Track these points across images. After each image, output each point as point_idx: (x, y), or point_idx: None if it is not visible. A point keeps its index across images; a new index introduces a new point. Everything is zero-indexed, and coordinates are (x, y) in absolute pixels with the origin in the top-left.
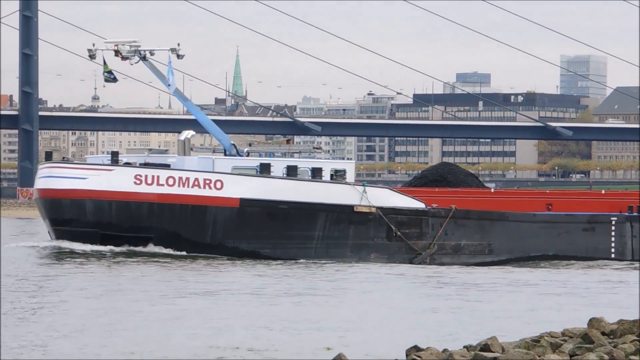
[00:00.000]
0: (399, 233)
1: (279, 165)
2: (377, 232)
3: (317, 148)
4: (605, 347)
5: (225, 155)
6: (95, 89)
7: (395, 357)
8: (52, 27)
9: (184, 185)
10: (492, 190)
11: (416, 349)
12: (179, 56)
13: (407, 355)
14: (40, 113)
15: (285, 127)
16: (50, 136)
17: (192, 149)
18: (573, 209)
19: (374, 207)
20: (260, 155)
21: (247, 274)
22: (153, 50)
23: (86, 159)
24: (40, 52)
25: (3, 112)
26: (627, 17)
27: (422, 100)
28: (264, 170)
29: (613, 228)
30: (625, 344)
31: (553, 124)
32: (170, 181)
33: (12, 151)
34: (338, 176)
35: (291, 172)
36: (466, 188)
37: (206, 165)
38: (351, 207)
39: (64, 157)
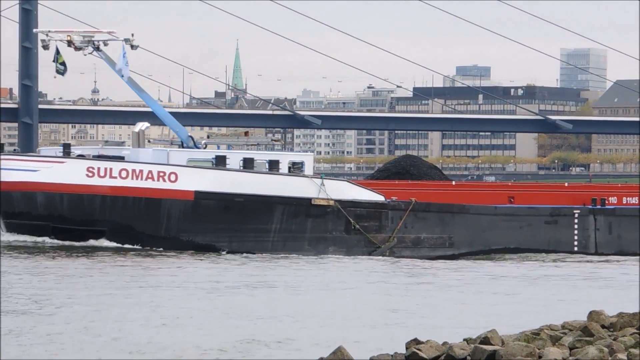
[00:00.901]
0: (357, 226)
1: (235, 158)
2: (336, 225)
3: (275, 140)
4: (605, 340)
5: (183, 147)
6: (95, 82)
7: (395, 351)
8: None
9: (137, 178)
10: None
11: (416, 341)
12: (132, 47)
13: (407, 348)
14: (40, 106)
15: (285, 120)
16: (50, 129)
17: (149, 141)
18: (535, 202)
19: (332, 199)
20: (218, 148)
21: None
22: (107, 40)
23: (39, 151)
24: (40, 45)
25: (3, 105)
26: (627, 11)
27: (422, 94)
28: (220, 162)
29: (576, 221)
30: (625, 336)
31: (553, 117)
32: (124, 174)
33: (11, 144)
34: (296, 169)
35: (247, 164)
36: (428, 181)
37: (161, 157)
38: (309, 199)
39: (14, 149)
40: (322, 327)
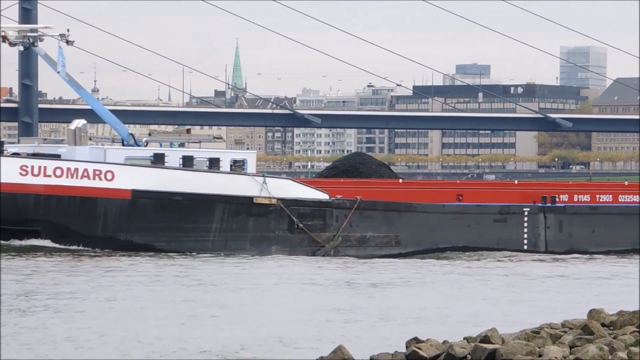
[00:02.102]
0: (301, 225)
1: (174, 156)
2: (278, 224)
3: (217, 137)
4: (605, 339)
5: (123, 145)
6: (95, 81)
7: (395, 350)
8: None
9: (72, 177)
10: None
11: (416, 340)
12: (68, 42)
13: (407, 347)
14: (40, 105)
15: (285, 119)
16: (50, 129)
17: (90, 139)
18: (484, 200)
19: (274, 198)
20: (161, 145)
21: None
22: (42, 36)
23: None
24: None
25: (3, 105)
26: (627, 8)
27: (421, 92)
28: (158, 160)
29: (526, 219)
30: (625, 335)
31: (553, 115)
32: (58, 172)
33: (11, 144)
34: (237, 167)
35: (187, 162)
36: (376, 179)
37: (97, 155)
38: (250, 198)
39: None
40: (323, 326)
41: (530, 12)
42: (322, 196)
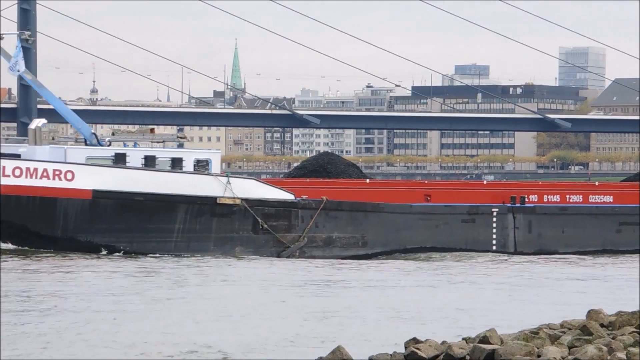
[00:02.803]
0: (265, 225)
1: (136, 155)
2: (243, 225)
3: (181, 137)
4: (604, 339)
5: (86, 145)
6: (94, 81)
7: (394, 350)
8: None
9: (32, 177)
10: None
11: (415, 341)
12: (27, 40)
13: (405, 348)
14: (39, 106)
15: (284, 119)
16: (48, 129)
17: (53, 139)
18: (453, 200)
19: (238, 198)
20: (125, 145)
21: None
22: (2, 34)
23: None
24: (38, 45)
25: (2, 105)
26: (626, 9)
27: (420, 93)
28: (119, 160)
29: (494, 219)
30: (624, 335)
31: (552, 116)
32: (17, 172)
33: None
34: (200, 167)
35: (149, 162)
36: (344, 179)
37: (58, 155)
38: (214, 198)
39: None
40: (320, 325)
41: (529, 12)
42: (288, 196)
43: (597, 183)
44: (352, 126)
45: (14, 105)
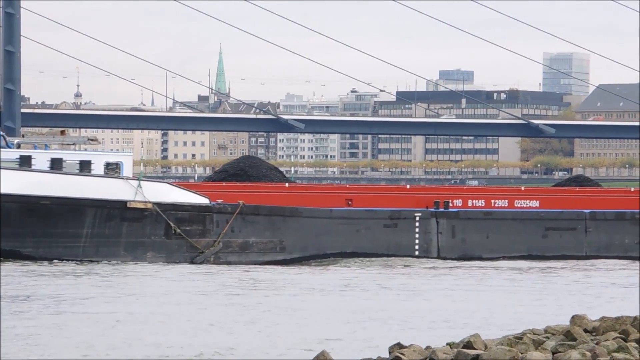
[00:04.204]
0: (178, 230)
1: (42, 158)
2: (154, 230)
3: (92, 140)
4: (588, 345)
5: None
6: (78, 85)
7: (378, 355)
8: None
9: None
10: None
11: (399, 346)
12: None
13: (390, 353)
14: (23, 110)
15: (269, 124)
16: (32, 133)
17: None
18: (375, 205)
19: (150, 202)
20: (36, 147)
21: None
22: None
23: None
24: (22, 49)
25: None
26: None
27: (405, 98)
28: (24, 163)
29: (417, 224)
30: (608, 341)
31: (536, 121)
32: None
33: None
34: (110, 170)
35: (56, 165)
36: (263, 182)
37: None
38: (124, 202)
39: None
40: (304, 329)
41: (514, 18)
42: (202, 200)
43: (523, 187)
44: (337, 131)
45: None
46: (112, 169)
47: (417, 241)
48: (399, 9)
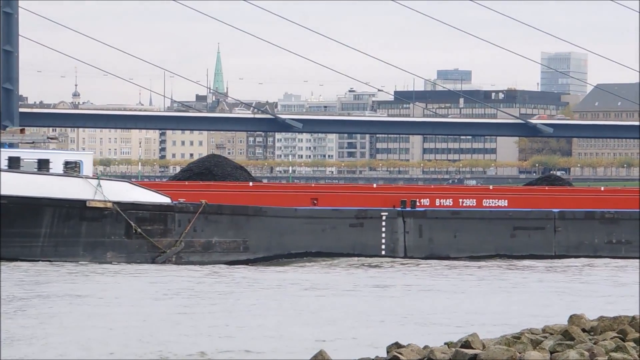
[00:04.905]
0: (139, 230)
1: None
2: (114, 229)
3: (51, 138)
4: (586, 344)
5: None
6: (76, 85)
7: (376, 355)
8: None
9: None
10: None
11: (397, 345)
12: None
13: (387, 352)
14: (21, 110)
15: (266, 124)
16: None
17: None
18: (341, 204)
19: (110, 202)
20: (6, 146)
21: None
22: None
23: None
24: (20, 48)
25: None
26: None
27: (403, 97)
28: None
29: (384, 224)
30: (606, 340)
31: (534, 121)
32: None
33: None
34: (70, 168)
35: (13, 163)
36: (227, 182)
37: None
38: (83, 202)
39: None
40: (303, 329)
41: (512, 18)
42: (163, 200)
43: (491, 187)
44: (335, 130)
45: None
46: (71, 168)
47: (383, 241)
48: (397, 9)
